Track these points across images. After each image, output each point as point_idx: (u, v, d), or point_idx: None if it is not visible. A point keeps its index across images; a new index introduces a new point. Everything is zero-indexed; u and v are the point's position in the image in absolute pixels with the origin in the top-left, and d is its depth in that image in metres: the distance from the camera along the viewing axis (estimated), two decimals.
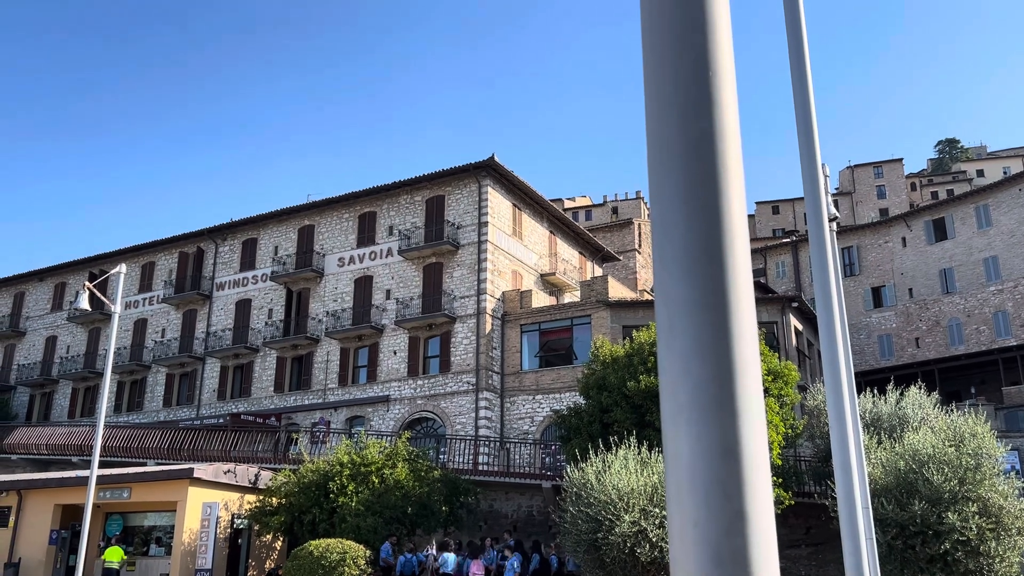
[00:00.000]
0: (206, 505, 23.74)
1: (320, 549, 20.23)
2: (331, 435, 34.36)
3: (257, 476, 26.35)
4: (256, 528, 24.87)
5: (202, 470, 24.76)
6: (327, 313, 40.29)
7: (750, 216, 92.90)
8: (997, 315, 45.44)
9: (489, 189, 38.03)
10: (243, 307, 43.39)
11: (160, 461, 32.14)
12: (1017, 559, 18.69)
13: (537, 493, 27.96)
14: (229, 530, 25.10)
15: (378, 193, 40.79)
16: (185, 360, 43.83)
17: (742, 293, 1.33)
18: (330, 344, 39.88)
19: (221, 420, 39.52)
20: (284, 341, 40.61)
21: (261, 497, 24.72)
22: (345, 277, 40.65)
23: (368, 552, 20.90)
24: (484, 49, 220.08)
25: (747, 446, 1.24)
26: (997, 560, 18.01)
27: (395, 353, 38.03)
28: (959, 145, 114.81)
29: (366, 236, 40.80)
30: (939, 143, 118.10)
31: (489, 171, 38.10)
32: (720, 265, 1.32)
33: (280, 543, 25.91)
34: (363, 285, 39.98)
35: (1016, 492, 19.35)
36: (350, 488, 22.65)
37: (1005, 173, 73.98)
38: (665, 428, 1.29)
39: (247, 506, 25.26)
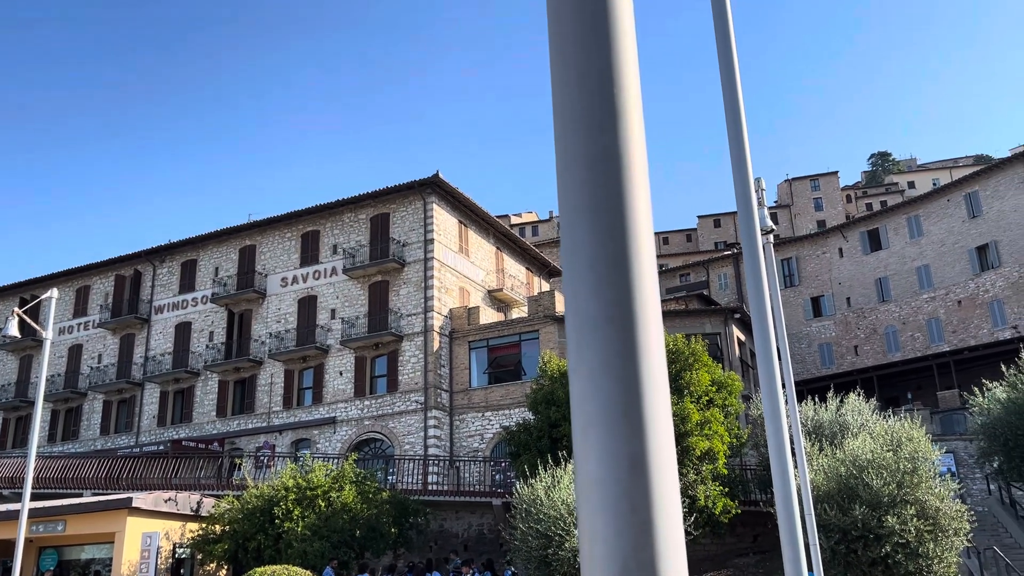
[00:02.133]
0: (146, 535, 23.04)
1: None
2: (276, 459, 33.72)
3: (199, 503, 25.68)
4: (199, 557, 24.22)
5: (141, 499, 24.03)
6: (270, 334, 39.63)
7: (692, 230, 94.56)
8: (931, 322, 46.93)
9: (434, 206, 37.97)
10: (183, 330, 42.42)
11: (97, 491, 31.07)
12: (955, 559, 19.21)
13: (487, 511, 27.81)
14: (171, 560, 24.38)
15: (321, 211, 40.39)
16: (123, 386, 42.61)
17: (649, 307, 1.34)
18: (274, 366, 39.20)
19: (162, 447, 38.48)
20: (226, 364, 39.79)
21: (204, 525, 24.10)
22: (288, 297, 40.07)
23: None
24: (427, 65, 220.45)
25: (655, 458, 1.25)
26: (935, 561, 18.48)
27: (341, 374, 37.56)
28: (891, 158, 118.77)
29: (309, 255, 40.32)
30: (872, 156, 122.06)
31: (434, 188, 38.05)
32: (627, 279, 1.33)
33: (224, 572, 25.26)
34: (307, 305, 39.45)
35: (952, 494, 19.92)
36: (296, 513, 22.23)
37: (934, 185, 76.66)
38: (575, 442, 1.29)
39: (189, 535, 24.59)
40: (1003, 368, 26.53)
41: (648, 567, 1.17)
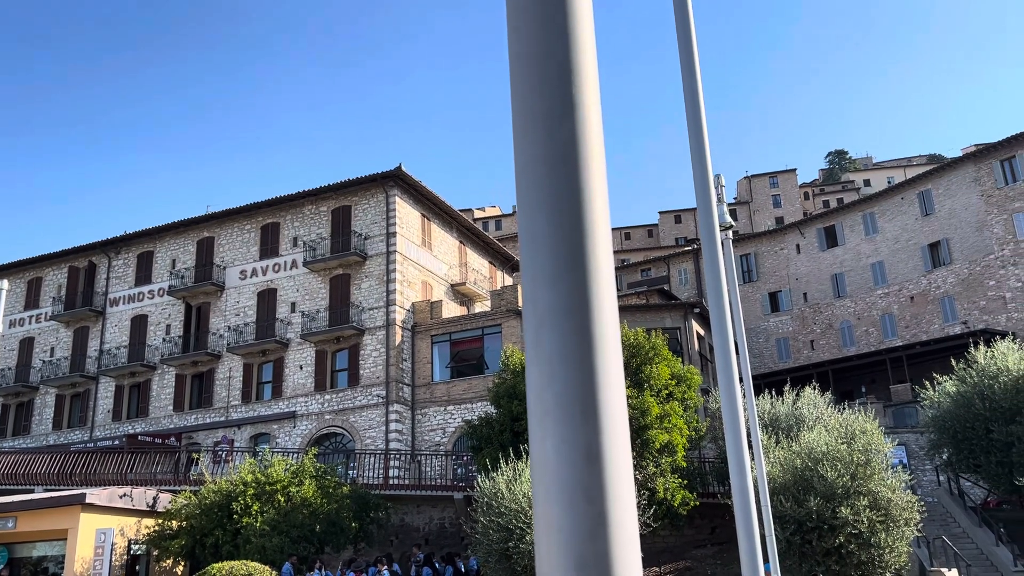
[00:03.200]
0: (100, 532, 22.61)
1: (223, 572, 19.56)
2: (234, 454, 33.31)
3: (156, 499, 25.29)
4: (155, 553, 23.86)
5: (95, 495, 23.58)
6: (229, 328, 39.10)
7: (653, 225, 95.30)
8: (884, 317, 47.95)
9: (397, 199, 37.75)
10: (139, 323, 41.66)
11: (49, 487, 30.41)
12: (905, 549, 19.71)
13: (449, 505, 27.81)
14: (126, 557, 23.98)
15: (281, 204, 39.91)
16: (77, 380, 41.72)
17: (605, 299, 1.35)
18: (232, 360, 38.70)
19: (117, 442, 37.77)
20: (184, 358, 39.19)
21: (160, 521, 23.76)
22: (247, 290, 39.57)
23: (275, 573, 20.33)
24: (392, 58, 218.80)
25: (610, 450, 1.26)
26: (887, 551, 18.94)
27: (301, 368, 37.22)
28: (847, 156, 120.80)
29: (269, 248, 39.84)
30: (829, 154, 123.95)
31: (397, 181, 37.83)
32: (583, 272, 1.34)
33: (181, 568, 24.92)
34: (267, 298, 39.00)
35: (903, 485, 20.42)
36: (255, 508, 22.01)
37: (889, 183, 78.22)
38: (531, 433, 1.30)
39: (145, 531, 24.21)
40: (953, 363, 27.22)
41: (602, 558, 1.18)
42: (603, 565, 1.18)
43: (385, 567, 20.95)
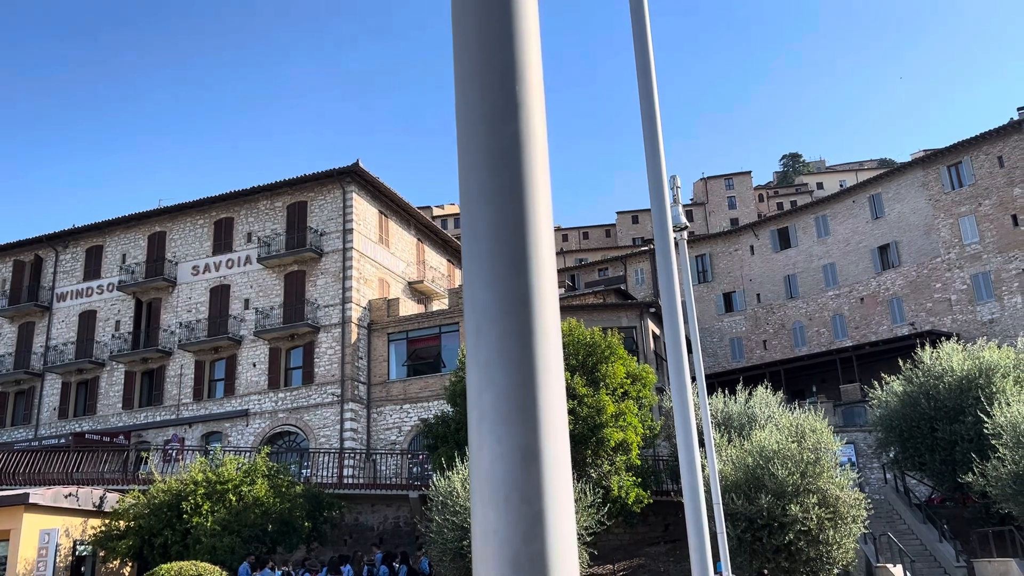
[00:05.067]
0: (44, 532, 22.04)
1: (172, 573, 19.20)
2: (185, 453, 32.71)
3: (103, 499, 24.71)
4: (102, 554, 23.32)
5: (39, 495, 22.96)
6: (180, 324, 38.40)
7: (611, 225, 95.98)
8: (835, 318, 48.93)
9: (354, 195, 37.42)
10: (87, 319, 40.68)
11: None
12: (852, 545, 20.14)
13: (404, 504, 27.68)
14: (71, 558, 23.39)
15: (236, 198, 39.30)
16: (21, 377, 40.58)
17: (547, 300, 1.34)
18: (184, 357, 38.02)
19: (63, 440, 36.83)
20: (133, 354, 38.37)
21: (107, 521, 23.23)
22: (200, 286, 38.89)
23: (225, 574, 20.03)
24: (351, 54, 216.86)
25: (548, 451, 1.25)
26: (835, 548, 19.33)
27: (255, 365, 36.70)
28: (801, 159, 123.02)
29: (223, 243, 39.20)
30: (784, 157, 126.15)
31: (354, 177, 37.49)
32: (525, 272, 1.33)
33: (129, 569, 24.41)
34: (220, 294, 38.37)
35: (851, 483, 20.86)
36: (205, 507, 21.65)
37: (841, 186, 79.83)
38: (470, 434, 1.29)
39: (91, 531, 23.65)
40: (900, 363, 27.87)
41: (538, 559, 1.17)
42: (539, 566, 1.17)
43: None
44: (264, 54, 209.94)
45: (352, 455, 32.87)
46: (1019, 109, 46.00)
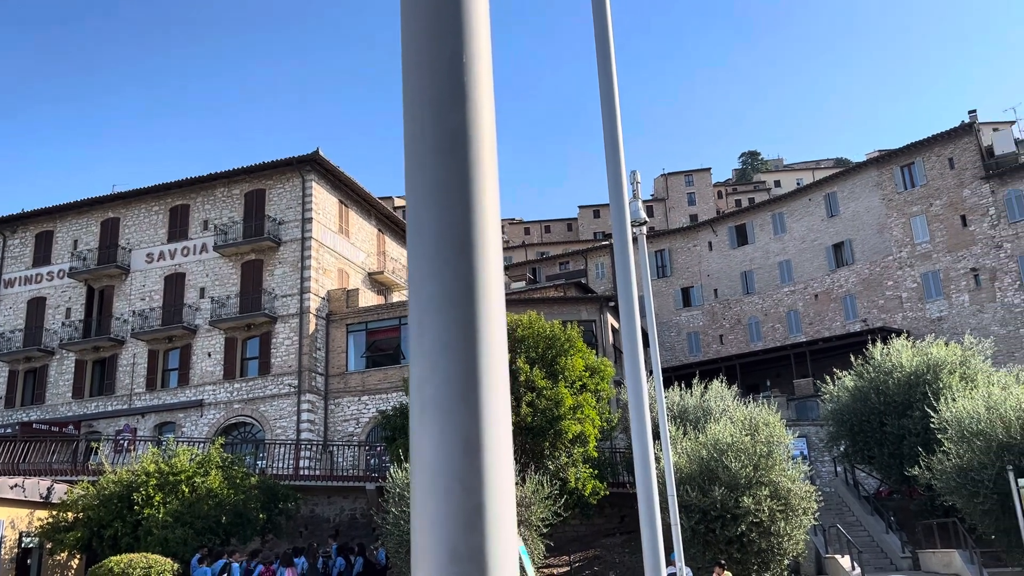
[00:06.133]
0: None
1: (121, 565, 18.86)
2: (137, 443, 32.12)
3: (51, 490, 24.17)
4: (49, 547, 22.82)
5: None
6: (134, 312, 37.66)
7: (573, 219, 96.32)
8: (790, 314, 49.75)
9: (314, 184, 37.01)
10: (36, 306, 39.67)
11: None
12: (803, 537, 20.55)
13: (361, 496, 27.53)
14: (16, 550, 22.85)
15: (192, 185, 38.61)
16: None
17: (492, 290, 1.34)
18: (137, 346, 37.30)
19: (9, 430, 35.93)
20: (84, 343, 37.55)
21: (55, 512, 22.72)
22: (154, 274, 38.16)
23: (176, 566, 19.74)
24: (312, 39, 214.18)
25: (490, 442, 1.25)
26: (785, 539, 19.70)
27: (210, 355, 36.16)
28: (760, 157, 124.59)
29: (178, 230, 38.50)
30: (743, 155, 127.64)
31: (314, 166, 37.07)
32: (470, 262, 1.33)
33: (77, 561, 23.94)
34: (174, 283, 37.71)
35: (802, 476, 21.27)
36: (157, 499, 21.30)
37: (798, 184, 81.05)
38: (412, 424, 1.28)
39: (38, 523, 23.11)
40: (852, 358, 28.43)
41: (478, 551, 1.17)
42: (479, 557, 1.17)
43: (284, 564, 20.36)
44: (225, 42, 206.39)
45: (309, 446, 32.59)
46: (970, 112, 47.07)
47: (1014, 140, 46.46)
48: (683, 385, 27.16)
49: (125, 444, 32.31)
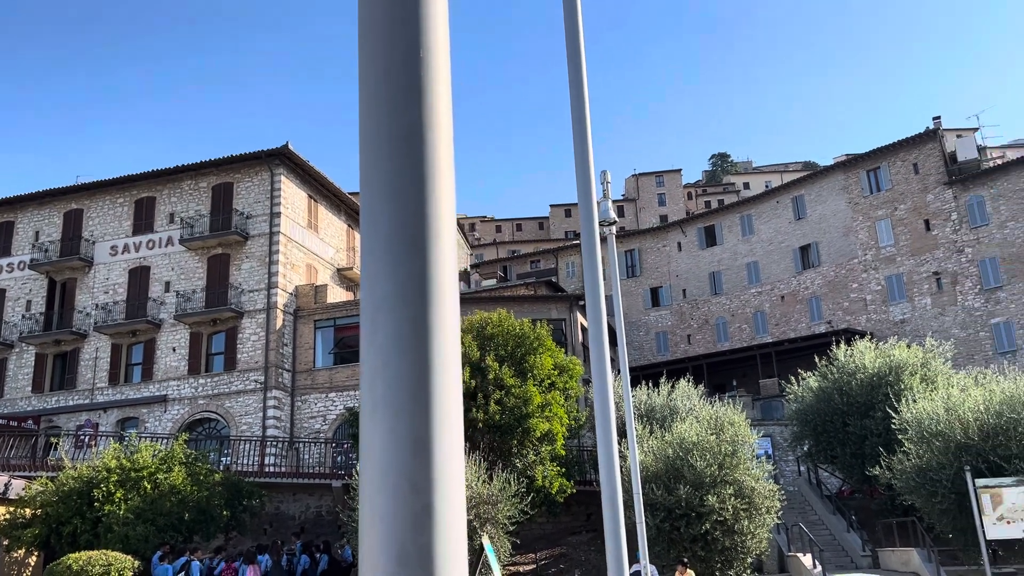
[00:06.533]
0: None
1: (80, 562, 18.55)
2: (99, 438, 31.61)
3: (8, 486, 23.69)
4: (6, 543, 22.38)
5: None
6: (97, 306, 37.03)
7: (544, 218, 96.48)
8: (756, 315, 50.29)
9: (283, 178, 36.65)
10: None
11: None
12: (766, 535, 20.79)
13: (327, 493, 27.35)
14: None
15: (158, 177, 38.04)
16: None
17: (446, 288, 1.33)
18: (100, 340, 36.69)
19: None
20: (45, 336, 36.84)
21: (12, 509, 22.29)
22: (118, 267, 37.56)
23: (137, 563, 19.46)
24: (285, 35, 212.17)
25: (440, 442, 1.24)
26: (749, 537, 19.91)
27: (174, 350, 35.67)
28: (730, 159, 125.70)
29: (144, 223, 37.92)
30: (713, 156, 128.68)
31: (283, 159, 36.72)
32: (423, 259, 1.31)
33: (35, 558, 23.50)
34: (139, 276, 37.14)
35: (766, 475, 21.52)
36: (118, 495, 20.97)
37: (767, 187, 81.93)
38: (362, 421, 1.26)
39: None
40: (817, 359, 28.80)
41: (426, 551, 1.16)
42: (426, 558, 1.16)
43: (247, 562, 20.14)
44: (195, 32, 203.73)
45: (274, 443, 32.30)
46: (934, 119, 47.94)
47: (976, 147, 47.35)
48: (651, 384, 27.33)
49: (86, 439, 31.78)
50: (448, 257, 1.33)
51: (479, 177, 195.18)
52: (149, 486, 21.49)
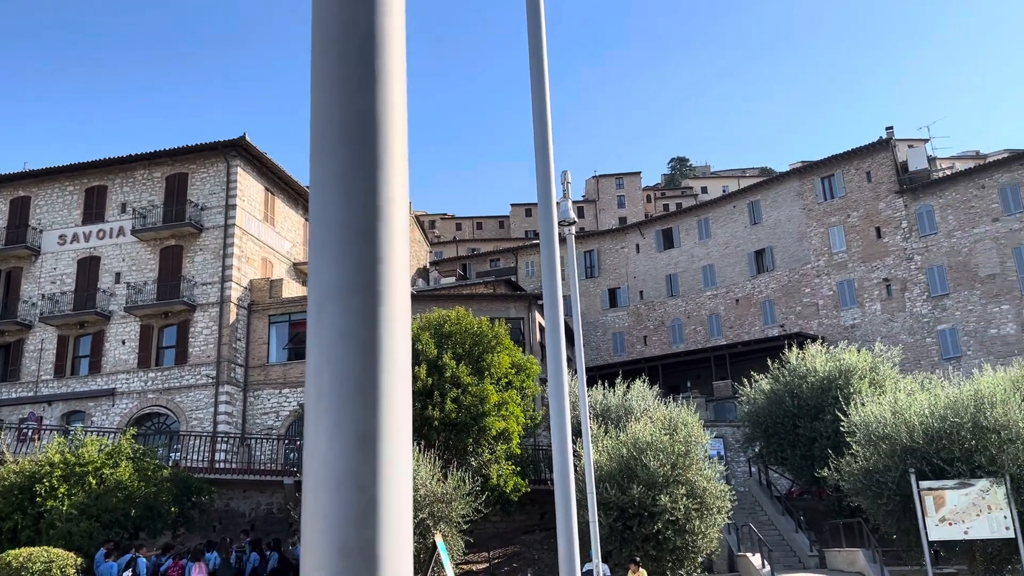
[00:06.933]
0: None
1: (20, 559, 18.02)
2: (42, 432, 30.79)
3: None
4: None
5: None
6: (43, 296, 36.07)
7: (505, 217, 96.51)
8: (712, 317, 50.94)
9: (239, 170, 36.09)
10: None
11: None
12: (716, 535, 21.05)
13: (278, 490, 27.00)
14: None
15: (110, 166, 37.20)
16: None
17: (396, 279, 1.30)
18: (46, 331, 35.74)
19: None
20: None
21: None
22: (67, 257, 36.63)
23: (80, 560, 18.98)
24: (244, 25, 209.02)
25: (387, 436, 1.21)
26: (700, 537, 20.13)
27: (124, 343, 34.91)
28: (688, 163, 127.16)
29: (94, 213, 37.04)
30: (672, 160, 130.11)
31: (240, 151, 36.16)
32: (374, 249, 1.28)
33: None
34: (88, 266, 36.27)
35: (718, 475, 21.77)
36: (61, 490, 20.44)
37: (724, 191, 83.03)
38: (306, 414, 1.23)
39: None
40: (769, 362, 29.24)
41: (369, 546, 1.13)
42: (369, 553, 1.13)
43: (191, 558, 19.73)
44: (150, 18, 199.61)
45: (225, 439, 31.79)
46: (887, 129, 49.01)
47: (927, 157, 48.59)
48: (607, 384, 27.49)
49: (29, 433, 30.94)
50: (399, 246, 1.31)
51: (440, 174, 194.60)
52: (94, 481, 20.99)
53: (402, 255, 1.31)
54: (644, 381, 27.93)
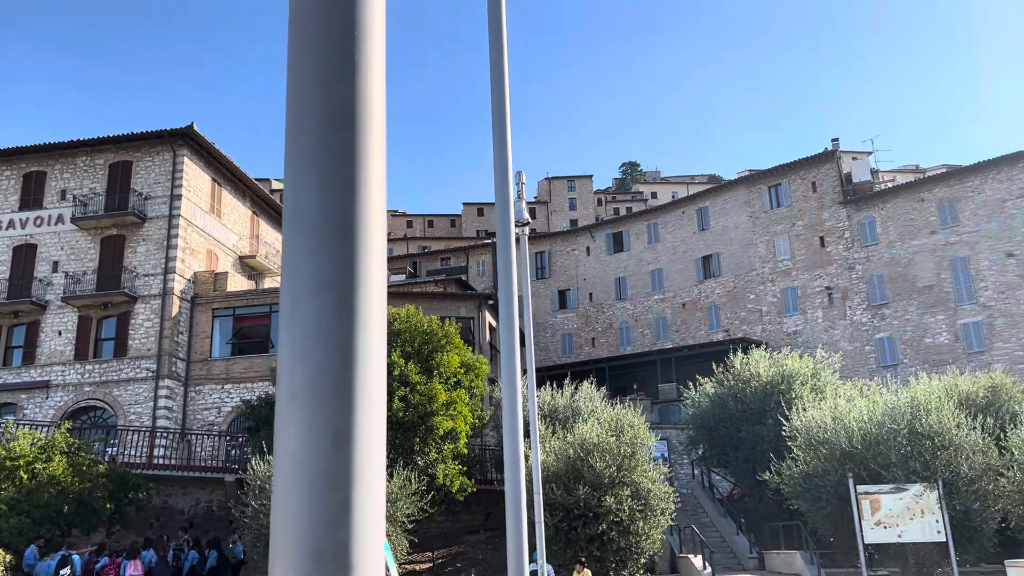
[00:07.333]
0: None
1: None
2: None
3: None
4: None
5: None
6: None
7: (456, 215, 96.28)
8: (659, 321, 51.56)
9: (186, 160, 35.30)
10: None
11: None
12: (659, 536, 21.31)
13: (219, 487, 26.51)
14: None
15: (50, 151, 36.05)
16: None
17: (373, 274, 1.27)
18: None
19: None
20: None
21: None
22: (1, 243, 35.39)
23: (9, 557, 18.36)
24: (195, 15, 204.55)
25: (361, 435, 1.18)
26: (643, 538, 20.35)
27: (60, 333, 33.86)
28: (639, 168, 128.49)
29: (32, 199, 35.85)
30: (623, 165, 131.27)
31: (187, 140, 35.37)
32: (351, 244, 1.25)
33: None
34: (24, 254, 35.09)
35: (662, 477, 22.04)
36: None
37: (674, 197, 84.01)
38: (278, 412, 1.19)
39: None
40: (714, 366, 29.71)
41: (342, 548, 1.10)
42: (342, 555, 1.10)
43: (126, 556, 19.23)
44: (98, 7, 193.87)
45: (165, 434, 31.07)
46: (833, 141, 50.25)
47: (870, 170, 49.93)
48: (555, 385, 27.63)
49: None
50: (377, 241, 1.28)
51: (392, 171, 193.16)
52: (26, 476, 20.35)
53: (380, 251, 1.28)
54: (592, 382, 28.14)
